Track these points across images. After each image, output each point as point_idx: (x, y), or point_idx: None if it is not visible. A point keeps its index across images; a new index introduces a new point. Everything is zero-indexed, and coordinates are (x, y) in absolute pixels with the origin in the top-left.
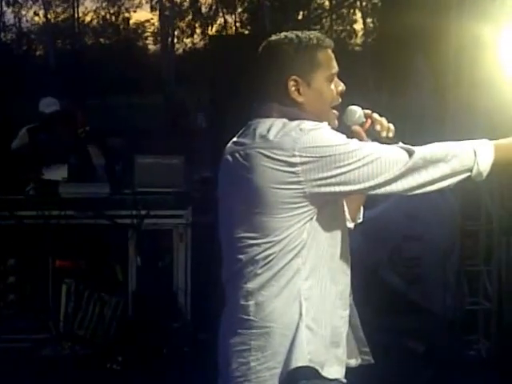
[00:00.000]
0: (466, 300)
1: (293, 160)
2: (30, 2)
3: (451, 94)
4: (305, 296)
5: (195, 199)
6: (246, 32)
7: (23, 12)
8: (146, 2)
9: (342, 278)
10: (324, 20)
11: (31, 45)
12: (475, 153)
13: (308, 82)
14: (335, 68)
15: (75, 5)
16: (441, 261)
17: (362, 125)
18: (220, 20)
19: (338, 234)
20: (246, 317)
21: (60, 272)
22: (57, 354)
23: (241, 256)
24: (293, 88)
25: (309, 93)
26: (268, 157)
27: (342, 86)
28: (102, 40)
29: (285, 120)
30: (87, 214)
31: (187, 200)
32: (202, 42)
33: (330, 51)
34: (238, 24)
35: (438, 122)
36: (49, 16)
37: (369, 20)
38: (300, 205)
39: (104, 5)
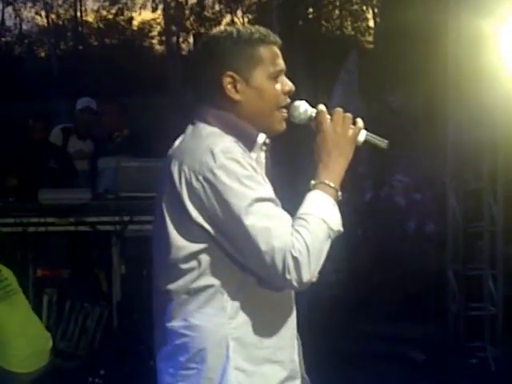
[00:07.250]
0: (468, 305)
1: (194, 184)
2: (31, 4)
3: (452, 91)
4: (233, 335)
5: None
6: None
7: (24, 13)
8: (148, 1)
9: (283, 302)
10: (335, 17)
11: (33, 46)
12: (324, 220)
13: (246, 79)
14: (280, 65)
15: (77, 5)
16: None
17: (312, 119)
18: (226, 19)
19: None
20: (174, 355)
21: (41, 281)
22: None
23: (158, 289)
24: (229, 85)
25: (247, 91)
26: (171, 173)
27: (289, 86)
28: (106, 40)
29: (203, 130)
30: (68, 220)
31: None
32: None
33: (274, 48)
34: (245, 23)
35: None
36: (50, 17)
37: (378, 18)
38: (197, 231)
39: (107, 4)
